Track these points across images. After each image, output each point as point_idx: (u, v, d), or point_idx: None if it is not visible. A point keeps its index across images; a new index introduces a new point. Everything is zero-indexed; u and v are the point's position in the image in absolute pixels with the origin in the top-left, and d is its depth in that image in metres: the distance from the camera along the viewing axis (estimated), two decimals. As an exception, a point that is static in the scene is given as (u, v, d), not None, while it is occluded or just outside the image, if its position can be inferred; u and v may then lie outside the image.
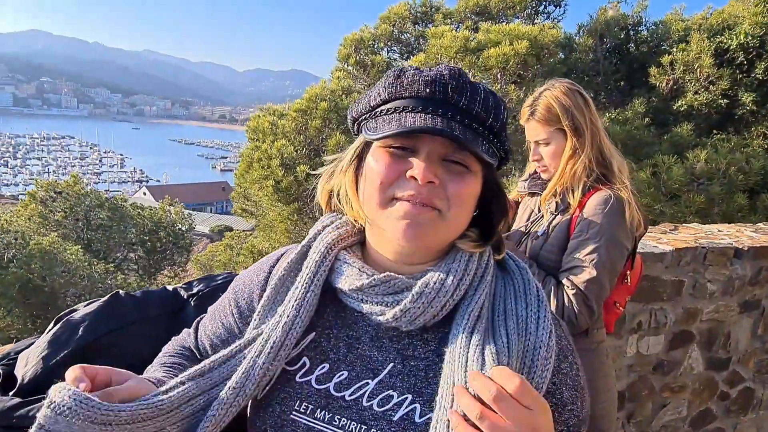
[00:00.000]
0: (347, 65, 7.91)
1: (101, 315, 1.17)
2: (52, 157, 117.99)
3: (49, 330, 1.15)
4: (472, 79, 0.84)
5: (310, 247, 0.93)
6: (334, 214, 0.95)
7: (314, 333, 0.88)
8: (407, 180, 0.80)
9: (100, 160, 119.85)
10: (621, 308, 1.95)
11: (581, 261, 1.71)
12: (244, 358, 0.84)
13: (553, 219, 1.83)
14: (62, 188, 10.17)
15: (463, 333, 0.80)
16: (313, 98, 6.61)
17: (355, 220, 0.91)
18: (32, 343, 1.18)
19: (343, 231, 0.92)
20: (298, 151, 6.50)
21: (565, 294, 1.70)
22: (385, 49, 8.20)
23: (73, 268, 9.68)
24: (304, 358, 0.87)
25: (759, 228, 3.57)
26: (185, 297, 1.33)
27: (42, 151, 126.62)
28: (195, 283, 1.42)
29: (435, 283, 0.82)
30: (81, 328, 1.14)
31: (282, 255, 0.99)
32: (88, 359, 1.13)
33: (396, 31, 8.10)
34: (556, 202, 1.83)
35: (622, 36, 7.76)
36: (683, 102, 6.83)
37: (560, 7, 7.98)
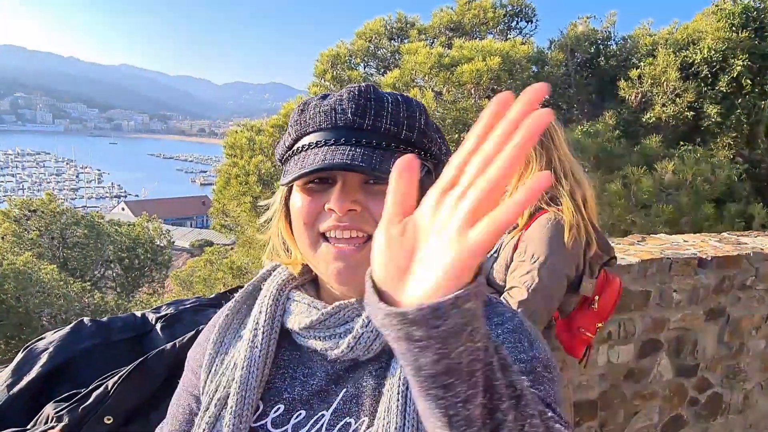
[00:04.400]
0: (324, 80, 7.97)
1: (64, 342, 1.18)
2: (27, 173, 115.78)
3: (15, 359, 1.16)
4: (380, 92, 0.81)
5: (259, 289, 0.89)
6: None
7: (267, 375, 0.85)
8: (327, 213, 0.78)
9: (77, 176, 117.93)
10: (588, 334, 1.90)
11: (517, 282, 1.71)
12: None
13: (504, 239, 1.85)
14: (37, 206, 10.01)
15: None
16: (289, 113, 6.64)
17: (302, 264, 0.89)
18: (-1, 372, 1.19)
19: (292, 271, 0.89)
20: (276, 167, 6.52)
21: None
22: (362, 64, 8.29)
23: (48, 287, 9.48)
24: (258, 402, 0.83)
25: (723, 238, 3.68)
26: (153, 321, 1.35)
27: (16, 167, 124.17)
28: (164, 307, 1.43)
29: None
30: (44, 356, 1.15)
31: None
32: (52, 385, 1.15)
33: (372, 46, 8.20)
34: None
35: (592, 50, 7.97)
36: (652, 114, 7.03)
37: (532, 23, 8.17)
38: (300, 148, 0.80)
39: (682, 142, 6.80)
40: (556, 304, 1.77)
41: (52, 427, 0.98)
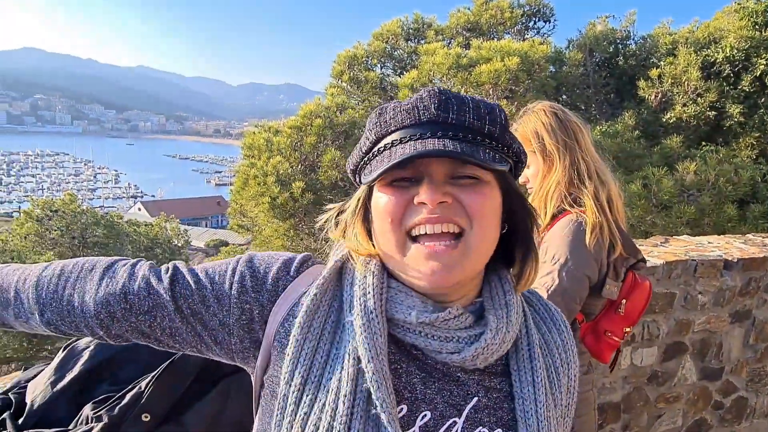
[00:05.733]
0: (341, 82, 8.00)
1: (102, 342, 1.21)
2: (46, 174, 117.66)
3: (57, 357, 1.19)
4: (457, 93, 0.81)
5: (340, 272, 0.84)
6: None
7: None
8: (416, 208, 0.75)
9: (95, 177, 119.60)
10: (615, 338, 1.86)
11: (537, 284, 1.69)
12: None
13: None
14: (58, 206, 10.16)
15: (525, 368, 0.82)
16: (307, 115, 6.68)
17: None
18: (40, 371, 1.22)
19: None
20: (294, 168, 6.55)
21: None
22: (379, 65, 8.30)
23: (68, 286, 9.58)
24: None
25: (748, 239, 3.63)
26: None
27: (36, 168, 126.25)
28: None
29: (504, 318, 0.79)
30: (85, 354, 1.17)
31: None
32: (93, 382, 1.17)
33: (389, 47, 8.21)
34: None
35: (611, 50, 7.89)
36: (672, 114, 6.95)
37: (549, 23, 8.12)
38: (383, 148, 0.78)
39: (703, 143, 6.71)
40: (577, 307, 1.74)
41: (91, 428, 1.00)
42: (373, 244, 0.82)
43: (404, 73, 7.60)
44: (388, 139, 0.78)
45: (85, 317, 0.85)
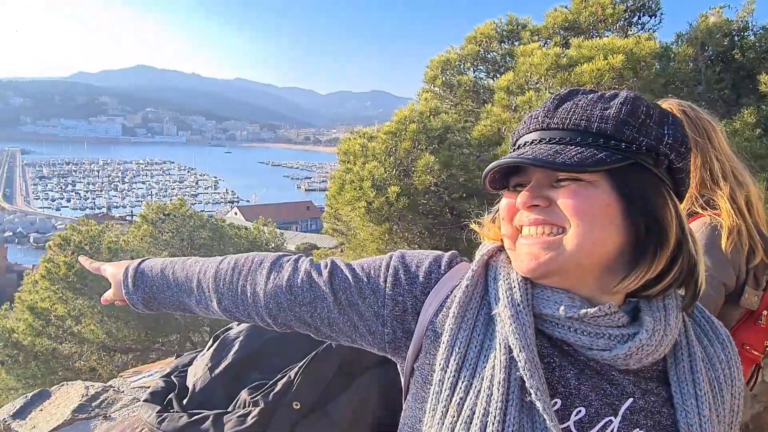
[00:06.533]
0: (434, 86, 8.02)
1: (251, 332, 1.31)
2: (155, 180, 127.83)
3: (210, 346, 1.31)
4: (579, 90, 0.83)
5: (486, 265, 0.88)
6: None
7: None
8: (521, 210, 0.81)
9: (197, 183, 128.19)
10: (756, 352, 1.72)
11: None
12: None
13: None
14: (170, 210, 11.00)
15: (686, 380, 0.80)
16: (402, 120, 6.76)
17: None
18: (193, 358, 1.34)
19: None
20: (388, 173, 6.65)
21: None
22: (472, 68, 8.24)
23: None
24: None
25: None
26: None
27: (146, 175, 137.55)
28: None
29: (662, 320, 0.79)
30: (236, 343, 1.28)
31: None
32: (244, 369, 1.28)
33: (482, 50, 8.13)
34: None
35: (725, 43, 7.30)
36: (800, 110, 6.29)
37: (655, 17, 7.65)
38: (512, 152, 0.86)
39: (839, 141, 6.02)
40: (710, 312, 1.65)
41: (249, 412, 1.09)
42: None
43: (498, 75, 7.49)
44: (517, 144, 0.87)
45: (256, 306, 0.94)
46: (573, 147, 0.77)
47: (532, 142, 0.82)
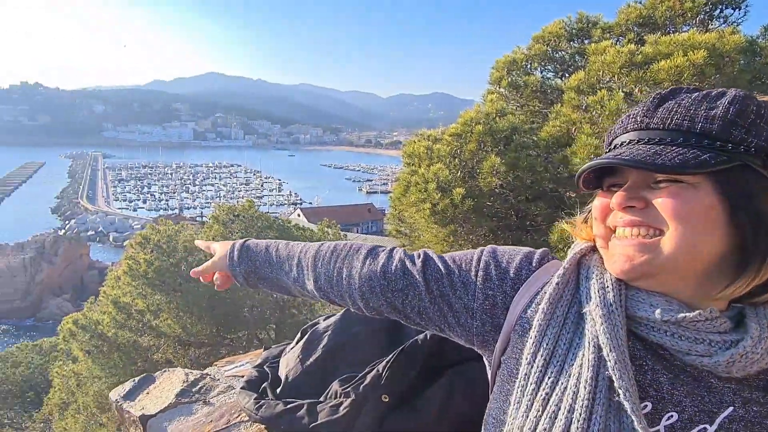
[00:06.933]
0: (500, 87, 7.91)
1: (338, 327, 1.36)
2: (223, 183, 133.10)
3: (299, 339, 1.37)
4: (682, 90, 0.80)
5: (578, 263, 0.87)
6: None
7: None
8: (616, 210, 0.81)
9: (262, 185, 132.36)
10: None
11: None
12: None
13: None
14: (239, 211, 11.44)
15: None
16: (467, 122, 6.71)
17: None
18: (282, 350, 1.41)
19: None
20: (453, 175, 6.63)
21: None
22: (539, 68, 8.07)
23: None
24: None
25: None
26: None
27: (215, 178, 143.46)
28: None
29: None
30: (325, 337, 1.33)
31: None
32: (335, 360, 1.33)
33: (550, 50, 7.95)
34: None
35: (819, 34, 6.78)
36: None
37: (740, 9, 7.20)
38: (606, 152, 0.86)
39: None
40: None
41: (341, 402, 1.14)
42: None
43: (566, 75, 7.30)
44: (613, 144, 0.86)
45: (350, 289, 0.99)
46: (674, 148, 0.76)
47: (629, 142, 0.81)
